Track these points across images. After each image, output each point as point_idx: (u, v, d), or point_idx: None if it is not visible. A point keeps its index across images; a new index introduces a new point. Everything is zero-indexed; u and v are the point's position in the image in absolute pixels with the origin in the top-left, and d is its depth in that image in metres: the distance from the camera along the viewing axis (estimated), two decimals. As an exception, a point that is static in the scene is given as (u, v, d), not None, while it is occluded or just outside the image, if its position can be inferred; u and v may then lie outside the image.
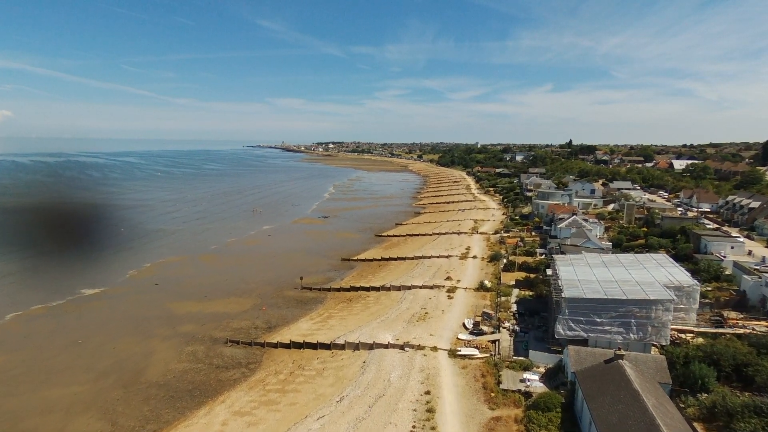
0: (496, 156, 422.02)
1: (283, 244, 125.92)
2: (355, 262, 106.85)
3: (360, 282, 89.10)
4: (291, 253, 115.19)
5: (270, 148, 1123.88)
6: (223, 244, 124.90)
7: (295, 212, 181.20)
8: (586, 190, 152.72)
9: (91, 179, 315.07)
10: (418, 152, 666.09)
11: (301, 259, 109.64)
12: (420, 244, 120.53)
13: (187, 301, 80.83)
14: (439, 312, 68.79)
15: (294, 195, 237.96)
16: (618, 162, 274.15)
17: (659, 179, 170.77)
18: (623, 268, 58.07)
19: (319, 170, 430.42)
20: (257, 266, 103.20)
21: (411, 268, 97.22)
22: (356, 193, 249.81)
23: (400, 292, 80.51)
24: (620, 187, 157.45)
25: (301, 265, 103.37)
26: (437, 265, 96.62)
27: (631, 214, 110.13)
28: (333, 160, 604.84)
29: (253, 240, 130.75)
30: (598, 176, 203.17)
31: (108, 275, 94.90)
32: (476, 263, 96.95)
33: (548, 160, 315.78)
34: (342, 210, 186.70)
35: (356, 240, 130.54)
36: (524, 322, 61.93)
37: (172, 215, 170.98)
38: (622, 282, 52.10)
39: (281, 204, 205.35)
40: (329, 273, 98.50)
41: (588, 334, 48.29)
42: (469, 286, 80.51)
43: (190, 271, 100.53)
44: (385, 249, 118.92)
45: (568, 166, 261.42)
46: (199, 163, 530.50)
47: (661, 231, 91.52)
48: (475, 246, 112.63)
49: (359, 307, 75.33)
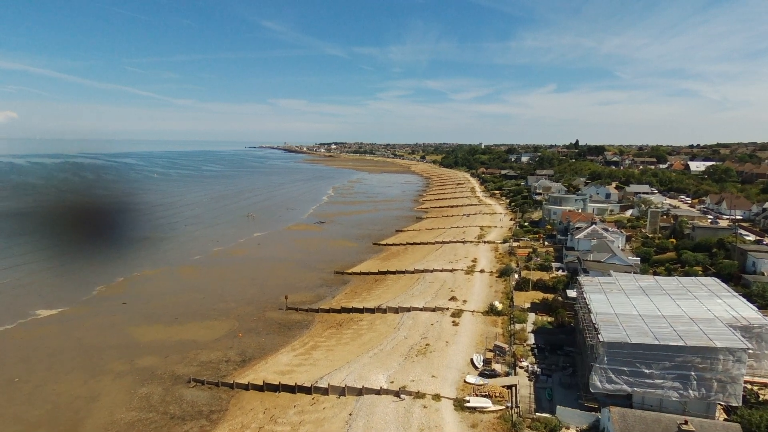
0: (500, 157, 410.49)
1: (272, 253, 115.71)
2: (349, 275, 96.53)
3: (353, 301, 78.74)
4: (280, 264, 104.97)
5: (272, 149, 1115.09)
6: (208, 254, 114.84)
7: (289, 217, 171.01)
8: (600, 195, 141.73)
9: (83, 181, 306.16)
10: (421, 153, 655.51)
11: (289, 271, 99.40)
12: (421, 255, 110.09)
13: (155, 325, 70.68)
14: (443, 343, 58.33)
15: (291, 198, 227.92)
16: (629, 163, 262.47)
17: (678, 182, 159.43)
18: (668, 297, 47.46)
19: (320, 172, 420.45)
20: (240, 281, 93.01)
21: (411, 284, 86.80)
22: (356, 196, 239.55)
23: (398, 316, 70.08)
24: (637, 191, 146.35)
25: (289, 280, 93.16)
26: (440, 281, 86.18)
27: (655, 223, 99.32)
28: (334, 161, 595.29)
29: (240, 249, 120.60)
30: (611, 179, 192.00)
31: (72, 292, 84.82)
32: (484, 279, 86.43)
33: (555, 162, 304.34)
34: (339, 215, 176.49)
35: (352, 249, 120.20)
36: (546, 360, 51.39)
37: (161, 221, 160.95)
38: (672, 319, 41.53)
39: (277, 208, 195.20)
40: (319, 289, 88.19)
41: (633, 389, 37.79)
42: (477, 308, 69.99)
43: (165, 286, 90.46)
44: (383, 260, 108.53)
45: (578, 167, 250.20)
46: (198, 164, 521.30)
47: (693, 243, 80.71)
48: (483, 257, 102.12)
49: (350, 335, 64.96)
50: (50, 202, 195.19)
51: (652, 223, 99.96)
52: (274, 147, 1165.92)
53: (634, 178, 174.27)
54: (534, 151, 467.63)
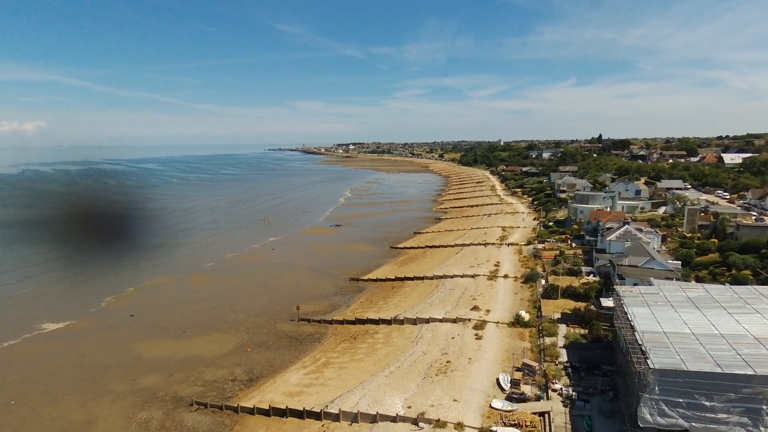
0: (520, 154, 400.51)
1: (286, 259, 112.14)
2: (365, 282, 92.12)
3: (368, 311, 74.27)
4: (293, 271, 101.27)
5: (290, 150, 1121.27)
6: (221, 261, 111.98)
7: (305, 221, 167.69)
8: (630, 191, 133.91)
9: (104, 188, 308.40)
10: (439, 151, 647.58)
11: (303, 279, 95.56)
12: (441, 259, 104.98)
13: (161, 339, 67.52)
14: (465, 360, 53.33)
15: (308, 201, 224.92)
16: (657, 157, 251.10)
17: (713, 176, 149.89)
18: (723, 310, 41.55)
19: (337, 173, 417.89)
20: (252, 289, 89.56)
21: (430, 291, 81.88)
22: (373, 197, 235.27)
23: (416, 327, 65.32)
24: (670, 186, 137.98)
25: (302, 288, 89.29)
26: (461, 288, 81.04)
27: (693, 221, 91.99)
28: (352, 162, 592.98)
29: (253, 255, 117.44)
30: (639, 174, 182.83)
31: (81, 304, 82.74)
32: (508, 285, 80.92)
33: (579, 157, 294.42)
34: (356, 217, 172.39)
35: (368, 254, 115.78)
36: (581, 381, 45.94)
37: (177, 227, 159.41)
38: (734, 339, 35.80)
39: (293, 211, 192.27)
40: (334, 298, 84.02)
41: (691, 423, 32.28)
42: (502, 319, 64.70)
43: (175, 296, 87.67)
44: (400, 265, 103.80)
45: (602, 162, 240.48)
46: (217, 168, 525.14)
47: (739, 244, 73.63)
48: (505, 261, 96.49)
49: (364, 349, 60.49)
50: (69, 209, 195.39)
51: (689, 221, 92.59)
52: (292, 149, 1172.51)
53: (664, 173, 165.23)
54: (555, 146, 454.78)
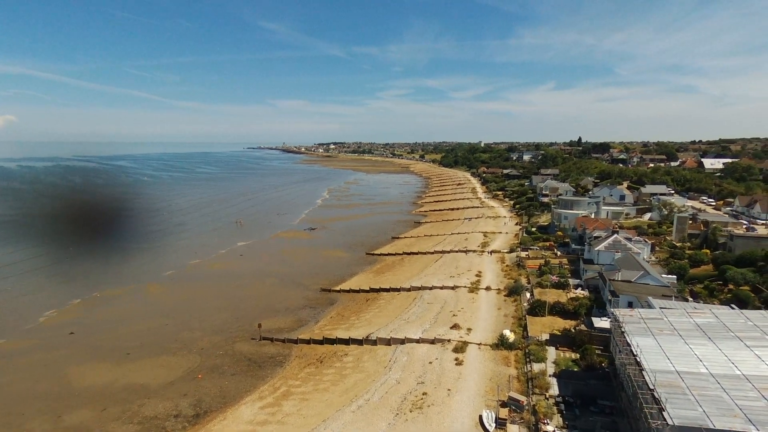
0: (501, 155, 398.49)
1: (253, 267, 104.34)
2: (337, 293, 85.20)
3: (338, 328, 67.39)
4: (260, 280, 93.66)
5: (270, 149, 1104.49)
6: (183, 269, 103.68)
7: (279, 223, 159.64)
8: (614, 197, 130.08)
9: (68, 186, 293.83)
10: (420, 152, 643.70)
11: (270, 289, 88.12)
12: (419, 267, 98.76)
13: (101, 364, 59.41)
14: (444, 392, 46.95)
15: (283, 202, 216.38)
16: (638, 161, 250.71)
17: (697, 182, 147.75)
18: (740, 342, 36.09)
19: (316, 173, 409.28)
20: (212, 302, 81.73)
21: (407, 305, 75.44)
22: (351, 198, 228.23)
23: (390, 349, 58.76)
24: (654, 191, 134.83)
25: (268, 300, 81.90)
26: (441, 301, 74.82)
27: (683, 230, 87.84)
28: (332, 162, 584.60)
29: (219, 262, 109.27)
30: (621, 178, 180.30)
31: (16, 319, 73.80)
32: (491, 298, 75.04)
33: (559, 160, 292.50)
34: (333, 220, 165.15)
35: (343, 261, 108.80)
36: (576, 420, 40.01)
37: (142, 229, 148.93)
38: (761, 383, 30.22)
39: (267, 213, 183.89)
40: (301, 312, 76.86)
41: (716, 492, 26.40)
42: (485, 340, 58.61)
43: (125, 310, 79.24)
44: (376, 274, 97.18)
45: (583, 166, 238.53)
46: (193, 166, 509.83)
47: (735, 257, 69.24)
48: (488, 270, 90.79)
49: (331, 376, 53.61)
50: (22, 209, 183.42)
51: (679, 230, 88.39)
52: (272, 148, 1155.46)
53: (647, 178, 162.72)
54: (536, 149, 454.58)
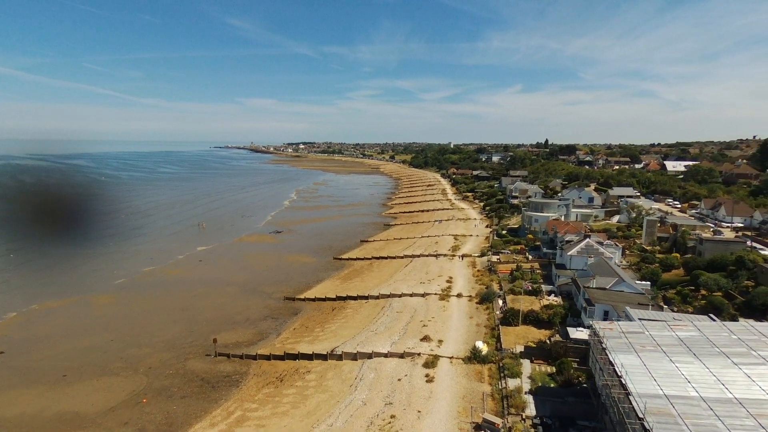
0: (471, 157, 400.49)
1: (213, 273, 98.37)
2: (301, 302, 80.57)
3: (301, 341, 62.93)
4: (220, 288, 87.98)
5: (237, 149, 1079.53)
6: (135, 276, 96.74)
7: (243, 226, 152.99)
8: (583, 199, 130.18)
9: (17, 186, 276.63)
10: (391, 153, 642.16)
11: (230, 298, 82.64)
12: (389, 273, 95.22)
13: (32, 387, 53.05)
14: (413, 414, 43.34)
15: (249, 204, 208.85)
16: (603, 163, 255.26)
17: (662, 184, 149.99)
18: (727, 359, 33.89)
19: (284, 173, 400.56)
20: (166, 313, 75.74)
21: (375, 314, 71.66)
22: (320, 200, 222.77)
23: (357, 365, 54.78)
24: (621, 194, 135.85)
25: (226, 310, 76.52)
26: (410, 310, 71.38)
27: (652, 233, 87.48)
28: (301, 162, 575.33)
29: (176, 268, 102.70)
30: (588, 180, 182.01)
31: (-63, 337, 65.82)
32: (462, 306, 72.10)
33: (528, 161, 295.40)
34: (300, 222, 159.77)
35: (309, 266, 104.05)
36: (555, 445, 37.09)
37: (95, 233, 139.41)
38: (754, 407, 27.87)
39: (231, 216, 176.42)
40: (263, 323, 71.92)
41: None
42: (456, 353, 55.41)
43: (66, 324, 72.21)
44: (343, 280, 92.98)
45: (551, 168, 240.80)
46: (155, 165, 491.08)
47: (705, 261, 68.69)
48: (459, 276, 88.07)
49: (291, 397, 49.18)
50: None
51: (648, 233, 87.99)
52: (240, 147, 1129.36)
53: (613, 180, 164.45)
54: (504, 150, 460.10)
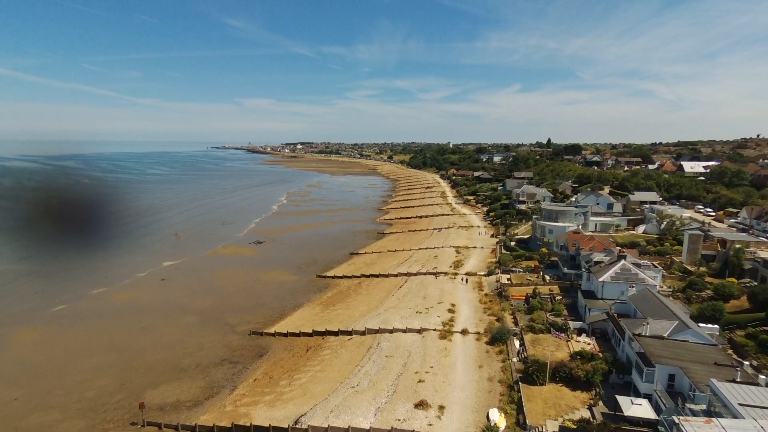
0: (471, 157, 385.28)
1: (172, 297, 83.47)
2: (270, 337, 65.70)
3: (259, 403, 48.06)
4: (174, 318, 73.08)
5: (234, 149, 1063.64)
6: (80, 301, 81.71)
7: (222, 236, 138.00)
8: (601, 205, 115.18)
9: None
10: (389, 153, 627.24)
11: (184, 333, 67.73)
12: (379, 296, 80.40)
13: None
14: None
15: (234, 209, 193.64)
16: (613, 163, 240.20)
17: (688, 188, 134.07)
18: None
19: (278, 174, 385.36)
20: (98, 355, 60.84)
21: (359, 358, 56.82)
22: (311, 204, 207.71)
23: (327, 446, 39.92)
24: (644, 199, 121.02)
25: (175, 351, 61.65)
26: (403, 353, 56.55)
27: (696, 250, 72.74)
28: (297, 162, 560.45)
29: (131, 291, 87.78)
30: (601, 182, 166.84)
31: None
32: (468, 348, 57.26)
33: (531, 162, 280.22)
34: (285, 230, 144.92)
35: (287, 287, 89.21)
36: None
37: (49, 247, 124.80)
38: None
39: (212, 223, 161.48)
40: (216, 371, 56.99)
41: None
42: (463, 427, 40.52)
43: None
44: (325, 306, 78.08)
45: (558, 169, 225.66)
46: (145, 167, 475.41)
47: (777, 290, 54.05)
48: (462, 301, 73.27)
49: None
50: None
51: (691, 250, 73.18)
52: (237, 147, 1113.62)
53: (629, 182, 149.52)
54: (505, 150, 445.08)
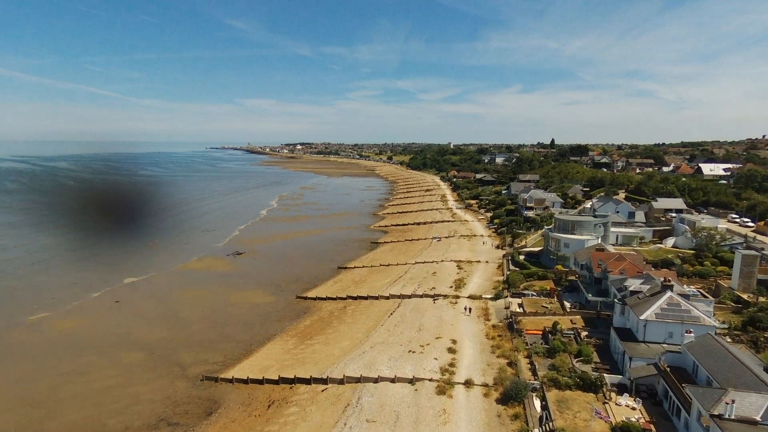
0: (472, 158, 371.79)
1: (121, 325, 70.46)
2: (228, 385, 52.63)
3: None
4: (114, 356, 60.06)
5: (234, 149, 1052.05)
6: (7, 332, 68.61)
7: (198, 246, 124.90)
8: (621, 213, 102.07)
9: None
10: (389, 153, 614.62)
11: (119, 379, 54.68)
12: (366, 326, 67.36)
13: None
14: None
15: (222, 214, 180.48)
16: (623, 165, 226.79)
17: (715, 194, 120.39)
18: None
19: (273, 176, 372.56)
20: (11, 411, 47.77)
21: (332, 422, 43.69)
22: (302, 208, 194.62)
23: None
24: (669, 207, 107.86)
25: (100, 409, 48.65)
26: (390, 418, 43.48)
27: (750, 274, 59.79)
28: (295, 163, 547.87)
29: (74, 316, 74.66)
30: (614, 186, 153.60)
31: None
32: (474, 409, 44.11)
33: (536, 163, 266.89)
34: (270, 239, 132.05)
35: (260, 311, 76.20)
36: None
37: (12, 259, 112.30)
38: None
39: (192, 230, 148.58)
40: None
41: None
42: None
43: None
44: (300, 339, 64.97)
45: (565, 171, 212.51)
46: (137, 168, 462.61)
47: None
48: (466, 336, 60.22)
49: None
50: None
51: (745, 274, 60.12)
52: (236, 148, 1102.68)
53: (646, 187, 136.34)
54: (507, 150, 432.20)
